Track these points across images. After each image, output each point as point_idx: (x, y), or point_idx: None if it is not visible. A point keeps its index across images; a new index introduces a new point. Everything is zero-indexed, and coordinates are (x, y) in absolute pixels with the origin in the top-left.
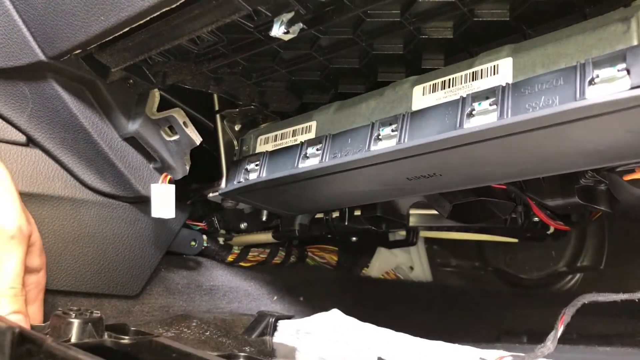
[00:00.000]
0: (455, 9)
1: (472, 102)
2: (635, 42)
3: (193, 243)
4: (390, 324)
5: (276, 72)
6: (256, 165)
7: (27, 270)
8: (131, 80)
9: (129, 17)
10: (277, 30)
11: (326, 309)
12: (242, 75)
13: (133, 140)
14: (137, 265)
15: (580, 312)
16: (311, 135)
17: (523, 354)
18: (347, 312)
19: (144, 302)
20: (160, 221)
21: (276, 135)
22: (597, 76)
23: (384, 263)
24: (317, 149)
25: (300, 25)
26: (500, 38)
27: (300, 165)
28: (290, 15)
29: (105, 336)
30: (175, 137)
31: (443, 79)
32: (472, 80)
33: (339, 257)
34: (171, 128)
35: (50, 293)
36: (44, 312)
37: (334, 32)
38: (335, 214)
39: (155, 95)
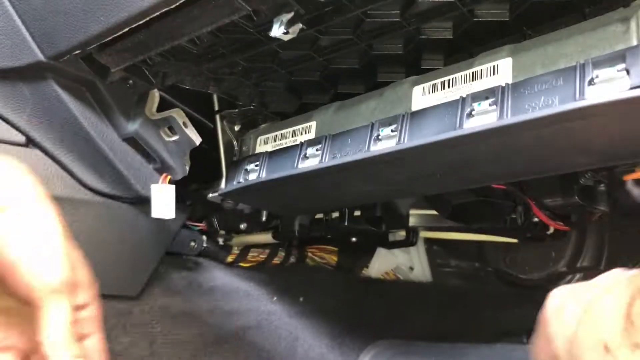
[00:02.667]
0: (455, 9)
1: (472, 102)
2: (635, 42)
3: (192, 243)
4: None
5: (276, 72)
6: (256, 165)
7: (75, 309)
8: (131, 81)
9: (128, 17)
10: (277, 31)
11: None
12: (242, 75)
13: (133, 141)
14: (137, 265)
15: None
16: (311, 135)
17: None
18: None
19: (144, 302)
20: (160, 222)
21: (276, 136)
22: (597, 76)
23: (383, 263)
24: (317, 149)
25: (300, 25)
26: (500, 38)
27: (300, 166)
28: (290, 15)
29: None
30: (175, 138)
31: (443, 79)
32: (472, 80)
33: (338, 258)
34: (171, 128)
35: None
36: None
37: (334, 33)
38: (335, 215)
39: (155, 95)
